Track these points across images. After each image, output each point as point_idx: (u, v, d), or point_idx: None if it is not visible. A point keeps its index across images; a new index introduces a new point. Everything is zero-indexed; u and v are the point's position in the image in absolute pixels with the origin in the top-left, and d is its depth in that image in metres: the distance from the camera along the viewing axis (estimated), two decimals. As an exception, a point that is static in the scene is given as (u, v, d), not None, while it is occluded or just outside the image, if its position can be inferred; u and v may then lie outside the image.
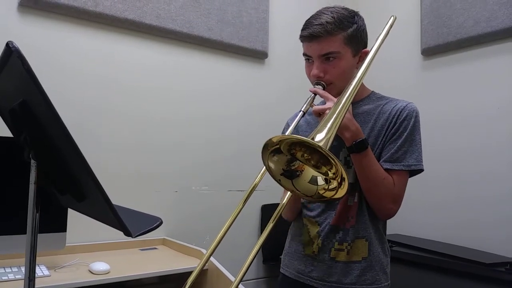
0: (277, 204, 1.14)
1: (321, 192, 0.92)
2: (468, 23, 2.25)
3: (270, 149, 0.90)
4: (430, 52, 2.47)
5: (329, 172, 0.90)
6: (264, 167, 0.96)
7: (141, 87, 2.21)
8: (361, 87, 1.21)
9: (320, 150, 0.85)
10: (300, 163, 0.94)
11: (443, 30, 2.37)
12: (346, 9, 1.15)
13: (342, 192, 0.88)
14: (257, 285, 2.60)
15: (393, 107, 1.16)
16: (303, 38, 1.16)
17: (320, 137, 0.88)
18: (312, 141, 0.86)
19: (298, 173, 0.95)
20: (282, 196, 1.27)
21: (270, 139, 0.88)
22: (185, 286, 0.97)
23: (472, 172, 2.22)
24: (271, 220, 1.02)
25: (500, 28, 2.12)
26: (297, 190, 0.95)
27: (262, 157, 0.91)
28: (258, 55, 2.64)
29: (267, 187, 2.37)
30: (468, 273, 1.81)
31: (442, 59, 2.44)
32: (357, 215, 1.15)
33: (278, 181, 0.95)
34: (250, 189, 1.08)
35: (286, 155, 0.93)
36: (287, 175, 0.95)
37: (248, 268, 0.94)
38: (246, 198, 1.09)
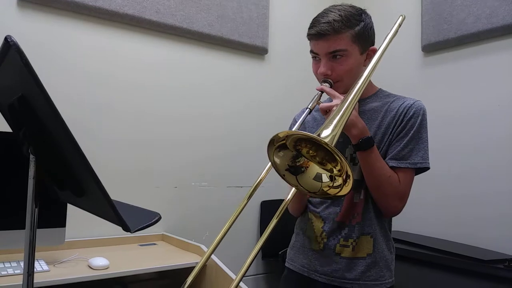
0: (277, 200, 1.15)
1: (325, 189, 0.92)
2: (469, 19, 2.25)
3: (276, 144, 0.90)
4: (430, 48, 2.47)
5: (334, 169, 0.90)
6: (270, 163, 0.96)
7: (141, 82, 2.21)
8: (369, 85, 1.21)
9: (325, 146, 0.85)
10: (305, 159, 0.94)
11: (444, 26, 2.36)
12: (354, 7, 1.15)
13: (346, 189, 0.88)
14: (256, 280, 2.61)
15: (400, 104, 1.16)
16: (310, 36, 1.16)
17: (326, 134, 0.87)
18: (318, 137, 0.85)
19: (303, 169, 0.95)
20: (287, 192, 1.28)
21: (277, 135, 0.88)
22: (184, 284, 0.97)
23: (471, 169, 2.22)
24: (275, 216, 1.02)
25: (500, 25, 2.12)
26: (301, 186, 0.95)
27: (268, 152, 0.91)
28: (258, 51, 2.63)
29: (267, 184, 2.38)
30: (466, 270, 1.81)
31: (443, 55, 2.43)
32: (362, 212, 1.16)
33: (283, 176, 0.95)
34: (255, 184, 1.09)
35: (292, 151, 0.93)
36: (292, 171, 0.95)
37: (250, 265, 0.93)
38: (251, 194, 1.10)
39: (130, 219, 0.73)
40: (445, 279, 1.89)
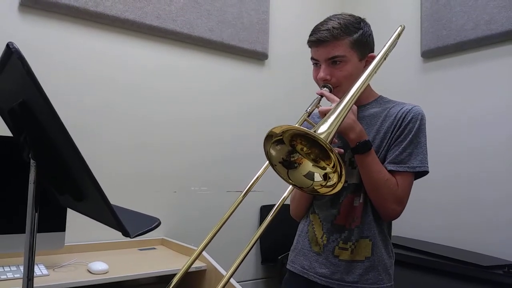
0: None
1: (316, 187, 0.94)
2: (468, 26, 2.26)
3: (274, 139, 0.93)
4: (430, 54, 2.48)
5: (327, 167, 0.92)
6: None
7: (141, 87, 2.22)
8: (369, 91, 1.24)
9: (319, 141, 0.87)
10: (300, 156, 0.96)
11: (443, 32, 2.37)
12: (353, 15, 1.19)
13: (339, 186, 0.89)
14: (256, 285, 2.60)
15: (399, 110, 1.18)
16: (310, 43, 1.19)
17: (322, 130, 0.90)
18: (313, 132, 0.87)
19: (296, 165, 0.97)
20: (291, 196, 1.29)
21: (271, 130, 0.91)
22: (170, 285, 0.98)
23: (470, 175, 2.22)
24: (270, 214, 1.03)
25: (499, 31, 2.13)
26: (290, 179, 0.97)
27: (264, 145, 0.93)
28: (258, 56, 2.65)
29: (266, 188, 2.39)
30: (465, 276, 1.81)
31: (442, 61, 2.44)
32: (362, 216, 1.17)
33: (273, 166, 0.97)
34: (255, 178, 1.12)
35: (288, 146, 0.95)
36: (286, 164, 0.97)
37: (244, 258, 0.95)
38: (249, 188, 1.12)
39: (129, 224, 0.74)
40: (445, 284, 1.89)
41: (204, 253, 1.87)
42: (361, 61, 1.18)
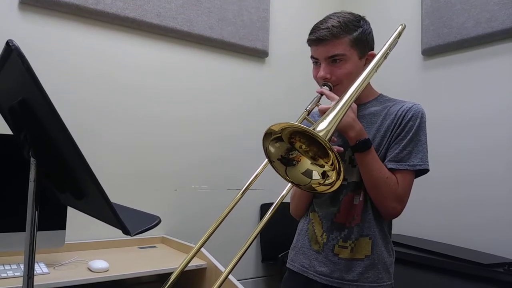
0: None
1: (314, 185, 0.95)
2: (469, 23, 2.25)
3: (273, 136, 0.93)
4: (430, 52, 2.47)
5: (326, 165, 0.92)
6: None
7: (141, 85, 2.21)
8: (369, 89, 1.24)
9: (318, 139, 0.87)
10: (298, 153, 0.96)
11: (444, 30, 2.37)
12: (352, 13, 1.19)
13: (338, 184, 0.89)
14: (256, 284, 2.61)
15: (399, 108, 1.18)
16: (310, 41, 1.19)
17: (320, 128, 0.90)
18: (311, 129, 0.87)
19: (294, 162, 0.97)
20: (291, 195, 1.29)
21: (271, 127, 0.91)
22: (167, 282, 0.98)
23: (471, 173, 2.22)
24: (268, 212, 1.03)
25: (500, 29, 2.12)
26: (288, 177, 0.97)
27: (263, 142, 0.94)
28: (258, 54, 2.64)
29: (267, 187, 2.39)
30: (466, 274, 1.81)
31: (443, 59, 2.44)
32: (362, 214, 1.17)
33: (271, 162, 0.97)
34: (254, 176, 1.12)
35: (286, 144, 0.95)
36: (284, 161, 0.97)
37: (242, 255, 0.95)
38: (246, 188, 1.12)
39: (130, 222, 0.73)
40: (445, 282, 1.89)
41: (204, 251, 1.87)
42: (361, 59, 1.18)
